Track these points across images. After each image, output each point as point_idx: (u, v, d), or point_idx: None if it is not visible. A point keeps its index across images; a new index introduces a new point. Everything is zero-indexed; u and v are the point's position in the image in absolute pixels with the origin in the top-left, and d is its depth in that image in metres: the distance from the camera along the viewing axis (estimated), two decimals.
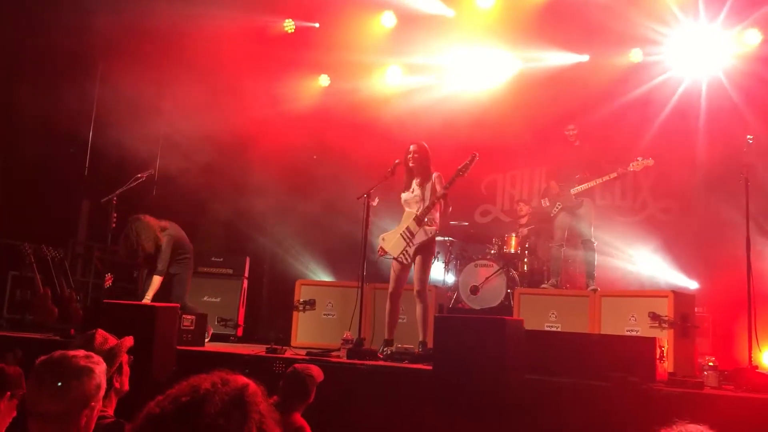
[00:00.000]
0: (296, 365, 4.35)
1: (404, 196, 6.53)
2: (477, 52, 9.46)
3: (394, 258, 6.43)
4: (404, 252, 6.38)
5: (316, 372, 4.30)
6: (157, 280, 6.96)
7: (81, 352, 2.45)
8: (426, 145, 6.53)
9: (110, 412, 2.99)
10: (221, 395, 1.51)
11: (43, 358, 2.40)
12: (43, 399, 2.27)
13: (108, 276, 6.78)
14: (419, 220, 6.32)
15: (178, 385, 1.57)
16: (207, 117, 8.95)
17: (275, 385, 4.09)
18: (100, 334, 3.20)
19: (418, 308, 6.33)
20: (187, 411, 1.47)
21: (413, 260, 6.36)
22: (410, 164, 6.42)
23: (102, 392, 2.43)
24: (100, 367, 2.43)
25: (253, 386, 1.58)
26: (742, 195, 5.67)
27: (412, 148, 6.46)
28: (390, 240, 6.42)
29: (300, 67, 9.96)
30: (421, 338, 6.25)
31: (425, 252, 6.37)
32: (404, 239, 6.37)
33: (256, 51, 9.38)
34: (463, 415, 4.35)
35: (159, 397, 1.55)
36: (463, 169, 6.29)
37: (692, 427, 1.73)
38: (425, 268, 6.37)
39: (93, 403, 2.36)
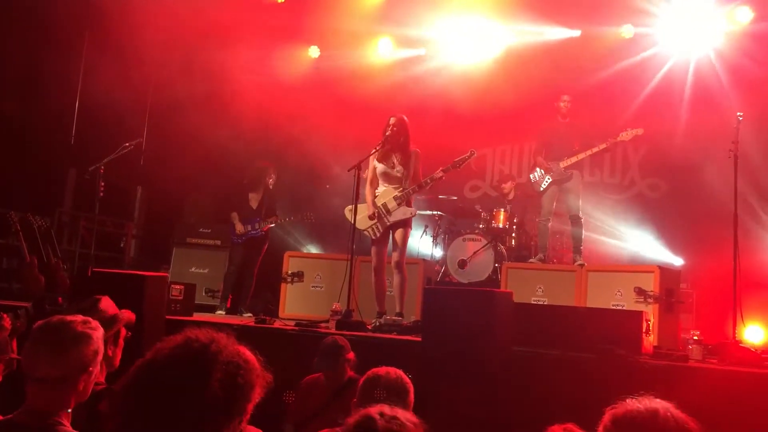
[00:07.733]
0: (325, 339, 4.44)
1: (381, 168, 6.45)
2: (468, 25, 9.38)
3: (362, 230, 6.46)
4: (374, 227, 6.41)
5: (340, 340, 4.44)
6: None
7: (79, 318, 2.45)
8: (406, 120, 6.45)
9: (101, 379, 2.99)
10: (181, 358, 1.50)
11: (40, 322, 2.39)
12: (41, 364, 2.28)
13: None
14: (400, 201, 6.35)
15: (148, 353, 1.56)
16: (195, 86, 8.85)
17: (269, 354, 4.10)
18: (106, 300, 3.22)
19: (396, 279, 6.39)
20: (149, 379, 1.48)
21: (392, 234, 6.40)
22: (388, 137, 6.35)
23: (100, 357, 2.44)
24: (98, 333, 2.44)
25: (217, 343, 1.55)
26: (730, 172, 5.69)
27: (392, 120, 6.41)
28: (361, 212, 6.40)
29: (290, 38, 9.84)
30: (397, 309, 6.31)
31: (404, 225, 6.41)
32: (377, 215, 6.39)
33: (245, 19, 9.26)
34: (451, 386, 4.38)
35: (131, 369, 1.54)
36: (459, 162, 6.36)
37: (658, 402, 1.77)
38: (404, 241, 6.40)
39: (91, 368, 2.38)
